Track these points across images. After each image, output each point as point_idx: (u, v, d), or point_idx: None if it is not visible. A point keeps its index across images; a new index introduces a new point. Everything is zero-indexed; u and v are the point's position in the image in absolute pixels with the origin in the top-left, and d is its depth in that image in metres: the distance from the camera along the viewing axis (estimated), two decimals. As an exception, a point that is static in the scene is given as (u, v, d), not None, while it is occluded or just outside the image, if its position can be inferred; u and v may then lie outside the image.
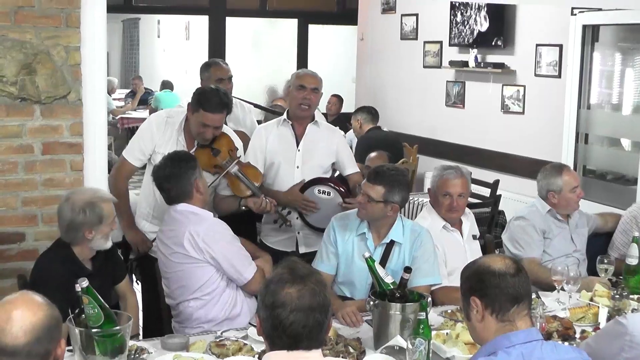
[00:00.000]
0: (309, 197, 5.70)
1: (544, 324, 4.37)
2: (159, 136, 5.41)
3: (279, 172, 5.84)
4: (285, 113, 5.93)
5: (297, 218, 5.77)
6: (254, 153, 5.82)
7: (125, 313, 4.15)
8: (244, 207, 5.55)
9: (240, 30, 12.44)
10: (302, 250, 5.75)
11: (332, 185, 5.77)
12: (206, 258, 4.58)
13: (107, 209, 4.36)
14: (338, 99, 11.57)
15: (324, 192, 5.73)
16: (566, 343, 4.06)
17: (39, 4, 4.62)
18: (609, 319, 4.53)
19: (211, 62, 6.78)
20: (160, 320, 4.96)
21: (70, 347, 3.71)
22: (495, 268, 3.24)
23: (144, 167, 5.54)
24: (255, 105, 7.23)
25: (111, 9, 4.97)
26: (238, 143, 5.74)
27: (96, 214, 4.30)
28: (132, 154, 5.34)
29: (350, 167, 6.05)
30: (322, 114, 7.20)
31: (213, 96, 5.36)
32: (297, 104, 5.76)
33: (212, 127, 5.33)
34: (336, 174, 6.06)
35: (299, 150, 5.84)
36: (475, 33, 9.76)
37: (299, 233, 5.82)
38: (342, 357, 3.93)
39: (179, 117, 5.53)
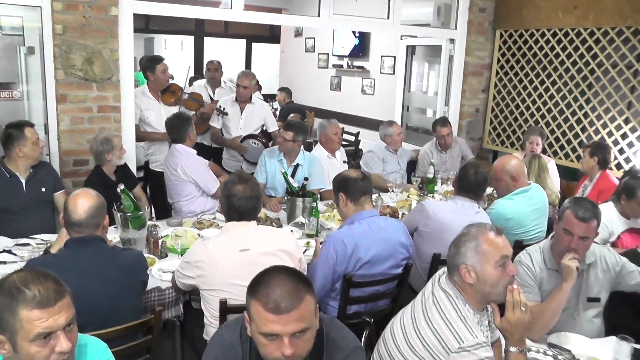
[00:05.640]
0: (246, 144, 5.71)
1: (381, 209, 4.49)
2: (139, 102, 5.29)
3: (230, 130, 5.79)
4: (234, 95, 5.86)
5: (242, 159, 5.82)
6: (216, 116, 5.79)
7: (145, 203, 4.12)
8: (198, 115, 5.74)
9: (212, 46, 12.15)
10: None
11: (259, 138, 5.77)
12: (189, 179, 4.53)
13: (116, 141, 4.31)
14: (257, 86, 11.18)
15: (255, 143, 5.73)
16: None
17: (95, 23, 4.54)
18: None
19: (209, 61, 6.69)
20: (165, 210, 4.92)
21: (115, 225, 3.70)
22: (352, 176, 3.31)
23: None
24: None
25: (136, 29, 4.87)
26: (181, 84, 5.83)
27: (110, 144, 4.26)
28: None
29: (272, 127, 6.01)
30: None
31: (152, 56, 5.60)
32: (237, 94, 5.80)
33: (168, 68, 5.44)
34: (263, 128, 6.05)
35: (241, 119, 5.80)
36: (348, 48, 9.77)
37: (241, 167, 5.80)
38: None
39: (143, 87, 5.45)
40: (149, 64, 5.41)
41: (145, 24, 11.55)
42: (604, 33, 5.75)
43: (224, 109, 5.74)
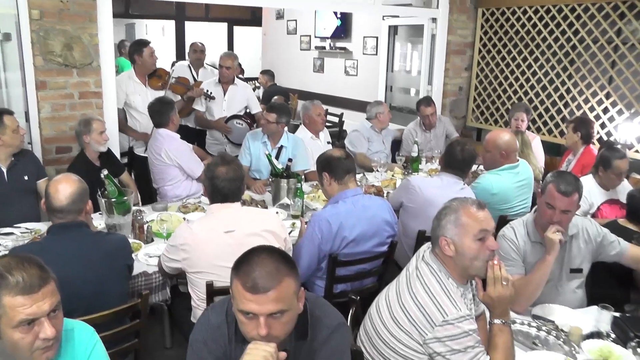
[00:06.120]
0: (230, 125, 5.72)
1: (366, 189, 4.49)
2: (125, 87, 5.28)
3: (213, 112, 5.80)
4: (217, 77, 5.88)
5: (226, 142, 5.82)
6: (200, 100, 5.77)
7: (130, 189, 4.11)
8: (185, 99, 5.71)
9: (193, 30, 12.03)
10: None
11: (244, 118, 5.78)
12: (174, 163, 4.51)
13: (95, 125, 4.25)
14: (240, 69, 11.14)
15: (239, 123, 5.74)
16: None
17: (73, 7, 4.48)
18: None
19: (194, 42, 6.66)
20: (151, 195, 4.91)
21: (100, 212, 3.69)
22: (336, 155, 3.31)
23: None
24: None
25: (115, 14, 4.84)
26: (167, 69, 5.84)
27: (88, 126, 4.22)
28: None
29: (255, 108, 6.02)
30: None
31: (139, 40, 5.55)
32: (220, 75, 5.83)
33: (155, 51, 5.42)
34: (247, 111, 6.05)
35: (225, 100, 5.79)
36: (330, 29, 9.73)
37: (225, 150, 5.78)
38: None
39: (130, 72, 5.46)
40: (137, 47, 5.41)
41: (125, 9, 11.41)
42: (584, 9, 5.76)
43: (211, 93, 5.75)
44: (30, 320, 1.73)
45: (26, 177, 4.04)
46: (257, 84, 9.76)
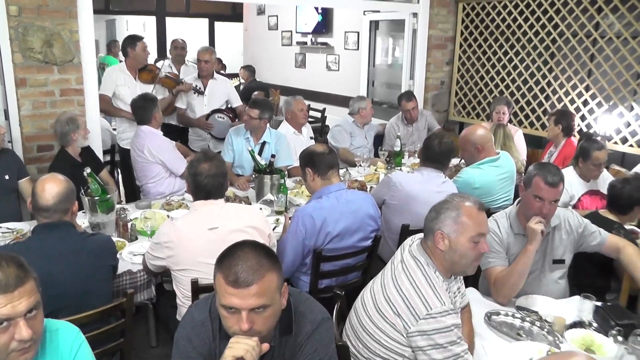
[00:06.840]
0: (212, 119, 5.70)
1: (349, 183, 4.49)
2: (116, 78, 5.30)
3: (194, 108, 5.78)
4: (196, 73, 5.90)
5: (209, 138, 5.80)
6: (179, 96, 5.74)
7: (113, 187, 4.07)
8: (175, 94, 5.71)
9: (174, 26, 11.93)
10: None
11: (225, 112, 5.76)
12: (157, 160, 4.47)
13: (80, 121, 4.26)
14: (222, 65, 11.18)
15: (221, 117, 5.71)
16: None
17: (52, 3, 4.44)
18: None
19: (175, 39, 6.62)
20: (134, 193, 4.88)
21: (83, 210, 3.66)
22: (318, 150, 3.29)
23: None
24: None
25: (96, 10, 4.80)
26: (158, 65, 5.88)
27: (75, 124, 4.21)
28: (105, 89, 5.23)
29: (236, 102, 6.00)
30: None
31: (133, 36, 5.52)
32: (199, 69, 5.85)
33: (146, 46, 5.48)
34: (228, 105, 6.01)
35: (205, 95, 5.77)
36: (311, 25, 9.71)
37: (208, 146, 5.77)
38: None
39: (121, 65, 5.47)
40: (130, 41, 5.43)
41: (106, 5, 11.28)
42: (563, 3, 5.81)
43: (199, 88, 5.76)
44: (5, 320, 1.68)
45: (7, 177, 3.99)
46: (242, 80, 9.71)
